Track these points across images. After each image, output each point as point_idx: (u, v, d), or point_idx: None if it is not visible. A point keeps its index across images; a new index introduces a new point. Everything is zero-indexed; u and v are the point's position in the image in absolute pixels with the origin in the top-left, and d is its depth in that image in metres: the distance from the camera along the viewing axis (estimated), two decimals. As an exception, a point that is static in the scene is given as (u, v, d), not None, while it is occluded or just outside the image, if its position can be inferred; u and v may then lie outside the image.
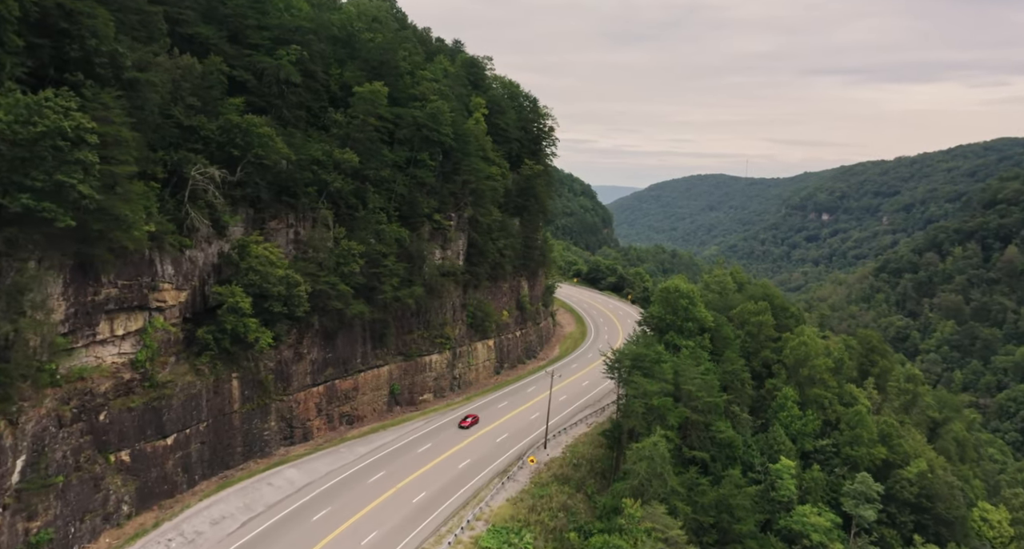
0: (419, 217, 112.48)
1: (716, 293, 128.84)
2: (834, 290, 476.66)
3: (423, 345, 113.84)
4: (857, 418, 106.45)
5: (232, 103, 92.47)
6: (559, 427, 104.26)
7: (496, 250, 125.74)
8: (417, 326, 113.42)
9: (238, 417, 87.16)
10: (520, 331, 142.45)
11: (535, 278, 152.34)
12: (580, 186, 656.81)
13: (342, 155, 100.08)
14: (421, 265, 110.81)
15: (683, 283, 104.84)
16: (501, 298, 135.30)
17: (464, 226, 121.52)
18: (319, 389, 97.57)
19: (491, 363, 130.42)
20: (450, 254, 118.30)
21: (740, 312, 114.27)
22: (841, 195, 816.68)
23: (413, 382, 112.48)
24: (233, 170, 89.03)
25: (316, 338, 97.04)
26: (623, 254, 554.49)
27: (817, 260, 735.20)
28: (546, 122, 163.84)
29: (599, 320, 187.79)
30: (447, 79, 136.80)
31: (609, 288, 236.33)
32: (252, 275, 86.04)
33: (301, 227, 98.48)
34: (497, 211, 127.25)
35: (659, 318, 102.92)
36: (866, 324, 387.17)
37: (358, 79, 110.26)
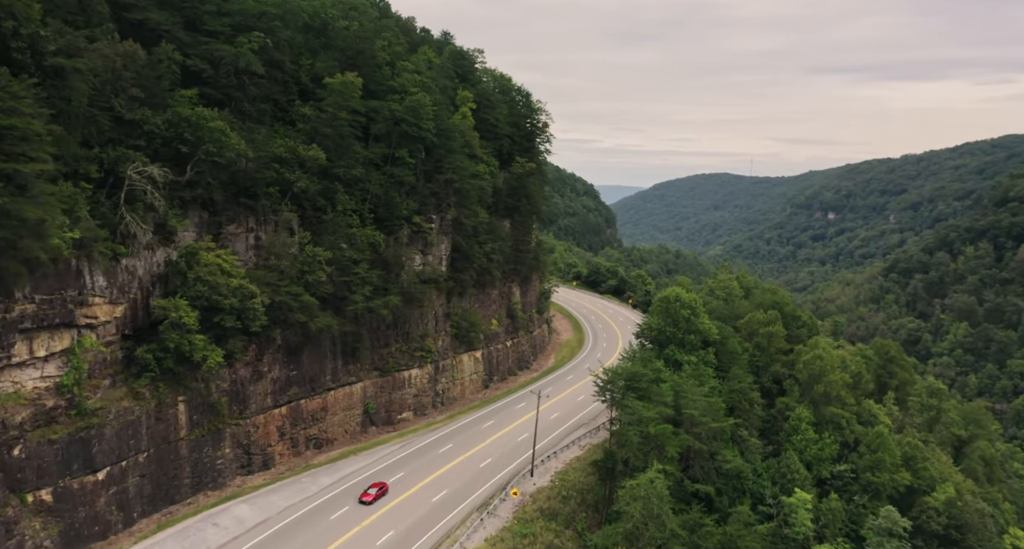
0: (396, 220, 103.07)
1: (721, 300, 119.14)
2: (842, 291, 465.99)
3: (401, 359, 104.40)
4: (879, 440, 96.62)
5: (184, 95, 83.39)
6: (549, 450, 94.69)
7: (483, 254, 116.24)
8: (394, 338, 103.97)
9: (185, 445, 77.82)
10: (511, 341, 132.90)
11: (528, 283, 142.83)
12: (583, 186, 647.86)
13: (307, 152, 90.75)
14: (398, 272, 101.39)
15: (684, 292, 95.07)
16: (490, 306, 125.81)
17: (447, 229, 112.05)
18: (282, 411, 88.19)
19: (478, 377, 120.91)
20: (431, 259, 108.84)
21: (748, 322, 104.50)
22: (847, 194, 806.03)
23: (390, 400, 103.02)
24: (183, 169, 79.94)
25: (278, 354, 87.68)
26: (626, 255, 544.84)
27: (824, 259, 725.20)
28: (539, 118, 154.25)
29: (598, 327, 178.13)
30: (431, 71, 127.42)
31: (610, 291, 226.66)
32: (200, 286, 76.69)
33: (262, 231, 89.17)
34: (484, 212, 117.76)
35: (658, 330, 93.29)
36: (876, 326, 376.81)
37: (331, 70, 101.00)
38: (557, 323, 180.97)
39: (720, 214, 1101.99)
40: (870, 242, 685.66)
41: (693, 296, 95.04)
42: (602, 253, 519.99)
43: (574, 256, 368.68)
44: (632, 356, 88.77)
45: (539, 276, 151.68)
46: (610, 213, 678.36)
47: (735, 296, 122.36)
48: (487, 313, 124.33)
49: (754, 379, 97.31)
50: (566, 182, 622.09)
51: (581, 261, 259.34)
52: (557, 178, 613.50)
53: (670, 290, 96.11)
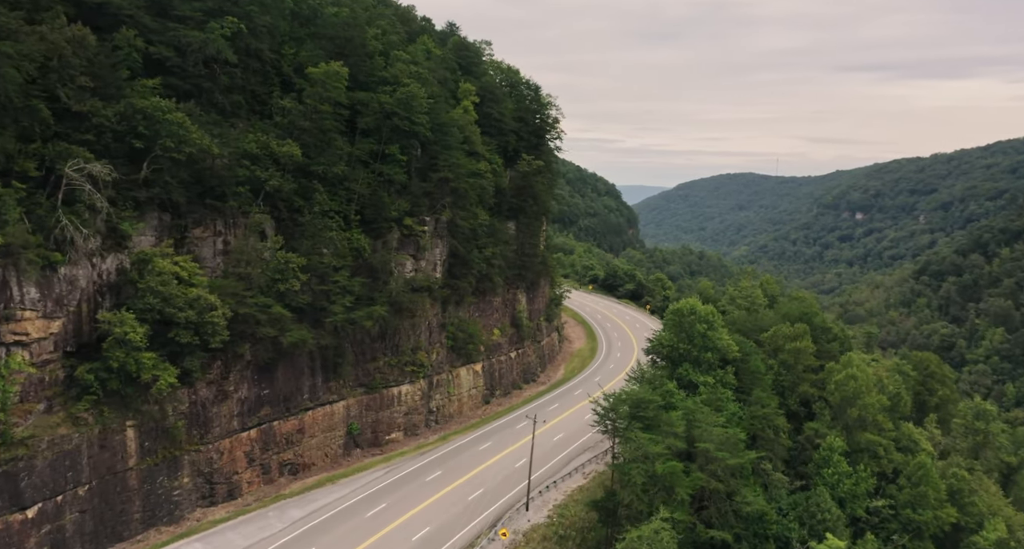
0: (385, 222, 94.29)
1: (743, 310, 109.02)
2: (871, 294, 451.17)
3: (390, 374, 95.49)
4: (920, 472, 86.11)
5: (144, 85, 75.15)
6: (548, 479, 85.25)
7: (483, 259, 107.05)
8: (382, 352, 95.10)
9: (135, 475, 69.39)
10: (516, 351, 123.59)
11: (536, 290, 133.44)
12: (604, 186, 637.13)
13: (280, 147, 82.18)
14: (386, 279, 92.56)
15: (700, 304, 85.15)
16: (491, 315, 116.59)
17: (443, 232, 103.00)
18: (251, 434, 79.58)
19: (478, 392, 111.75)
20: (424, 265, 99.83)
21: (772, 337, 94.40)
22: (875, 193, 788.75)
23: (377, 419, 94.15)
24: (138, 166, 71.82)
25: (247, 372, 79.07)
26: (648, 256, 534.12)
27: (851, 261, 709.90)
28: (549, 113, 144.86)
29: (612, 335, 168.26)
30: (430, 61, 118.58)
31: (627, 296, 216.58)
32: (150, 297, 68.25)
33: (231, 235, 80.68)
34: (484, 213, 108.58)
35: (670, 347, 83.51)
36: (907, 331, 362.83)
37: (317, 60, 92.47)
38: (569, 330, 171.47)
39: (745, 214, 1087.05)
40: (899, 243, 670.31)
41: (710, 308, 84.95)
42: (623, 254, 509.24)
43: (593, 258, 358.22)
44: (640, 377, 79.02)
45: (548, 281, 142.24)
46: (632, 213, 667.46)
47: (758, 305, 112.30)
48: (488, 323, 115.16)
49: (779, 401, 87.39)
50: (587, 182, 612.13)
51: (599, 264, 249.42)
52: (578, 178, 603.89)
53: (684, 302, 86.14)
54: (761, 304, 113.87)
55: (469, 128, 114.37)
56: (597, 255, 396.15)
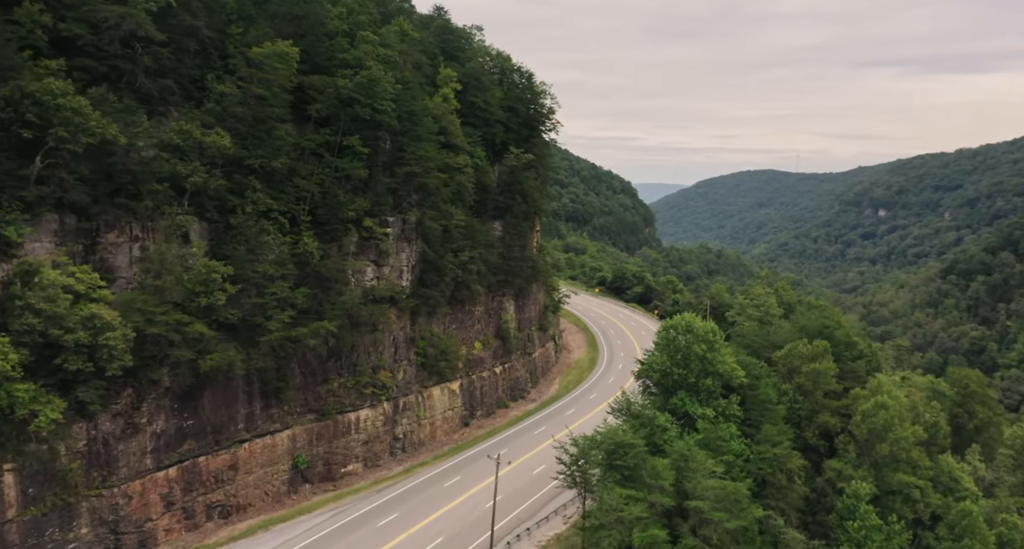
0: (341, 223, 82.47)
1: (755, 321, 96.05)
2: (896, 294, 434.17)
3: (346, 398, 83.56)
4: (965, 522, 73.00)
5: (46, 66, 63.86)
6: (521, 524, 72.74)
7: (458, 264, 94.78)
8: (337, 372, 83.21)
9: (17, 528, 57.89)
10: (502, 366, 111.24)
11: (526, 296, 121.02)
12: (619, 183, 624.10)
13: (206, 137, 70.45)
14: (341, 290, 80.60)
15: (698, 320, 72.23)
16: (472, 326, 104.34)
17: (411, 234, 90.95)
18: (169, 473, 67.90)
19: (455, 413, 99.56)
20: (388, 272, 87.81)
21: (787, 356, 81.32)
22: (899, 190, 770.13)
23: (331, 450, 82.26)
24: (29, 159, 60.57)
25: (164, 401, 67.40)
26: (664, 255, 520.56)
27: (874, 259, 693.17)
28: (543, 102, 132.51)
29: (616, 343, 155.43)
30: (404, 44, 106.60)
31: (635, 299, 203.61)
32: (29, 316, 56.78)
33: (149, 240, 69.06)
34: (460, 212, 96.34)
35: (662, 371, 70.72)
36: (934, 334, 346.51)
37: (268, 40, 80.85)
38: (569, 338, 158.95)
39: (765, 212, 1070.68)
40: (924, 240, 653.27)
41: (710, 325, 71.94)
42: (639, 253, 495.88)
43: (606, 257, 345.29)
44: (623, 408, 66.10)
45: (541, 287, 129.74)
46: (648, 212, 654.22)
47: (772, 315, 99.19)
48: (468, 335, 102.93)
49: (795, 433, 74.64)
50: (602, 179, 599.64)
51: (607, 265, 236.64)
52: (592, 175, 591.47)
53: (679, 318, 73.21)
54: (775, 314, 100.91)
55: (447, 118, 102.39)
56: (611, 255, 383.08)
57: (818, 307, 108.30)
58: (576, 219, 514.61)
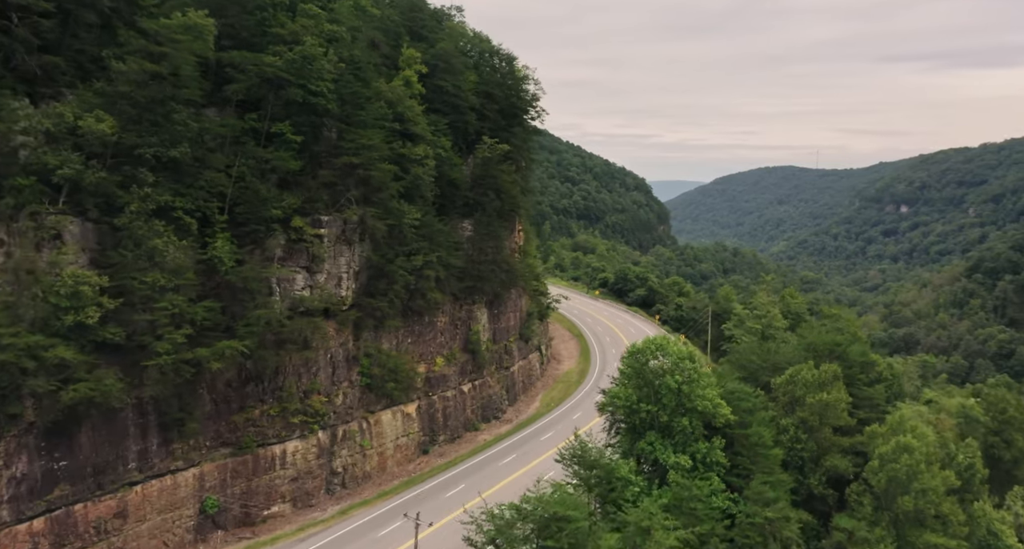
0: (263, 224, 70.28)
1: (755, 336, 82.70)
2: (919, 293, 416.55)
3: (270, 428, 71.36)
4: (1010, 595, 59.94)
5: None
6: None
7: (411, 270, 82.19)
8: (257, 399, 71.03)
9: None
10: (471, 384, 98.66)
11: (502, 304, 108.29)
12: (633, 180, 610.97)
13: (84, 121, 58.57)
14: (262, 301, 68.39)
15: (674, 343, 58.77)
16: (432, 340, 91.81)
17: (352, 235, 78.59)
18: (33, 526, 55.97)
19: (411, 440, 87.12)
20: (324, 280, 75.48)
21: (789, 383, 67.73)
22: (921, 185, 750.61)
23: (250, 489, 70.07)
24: None
25: (27, 438, 55.47)
26: (678, 253, 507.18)
27: (896, 256, 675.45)
28: (526, 88, 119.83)
29: (610, 353, 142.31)
30: (361, 20, 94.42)
31: (637, 303, 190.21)
32: None
33: (15, 245, 57.30)
34: (416, 210, 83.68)
35: (627, 407, 57.51)
36: (959, 336, 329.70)
37: (188, 10, 69.09)
38: (561, 346, 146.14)
39: (784, 209, 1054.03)
40: (947, 237, 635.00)
41: (690, 350, 58.48)
42: (652, 252, 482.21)
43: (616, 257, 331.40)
44: (574, 455, 52.66)
45: (523, 293, 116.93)
46: (663, 209, 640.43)
47: (776, 329, 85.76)
48: (427, 350, 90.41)
49: (796, 481, 61.56)
50: (615, 176, 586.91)
51: (610, 266, 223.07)
52: (606, 172, 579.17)
53: (647, 341, 59.74)
54: (779, 327, 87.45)
55: (404, 103, 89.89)
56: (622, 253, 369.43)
57: (831, 316, 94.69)
58: (588, 217, 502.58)
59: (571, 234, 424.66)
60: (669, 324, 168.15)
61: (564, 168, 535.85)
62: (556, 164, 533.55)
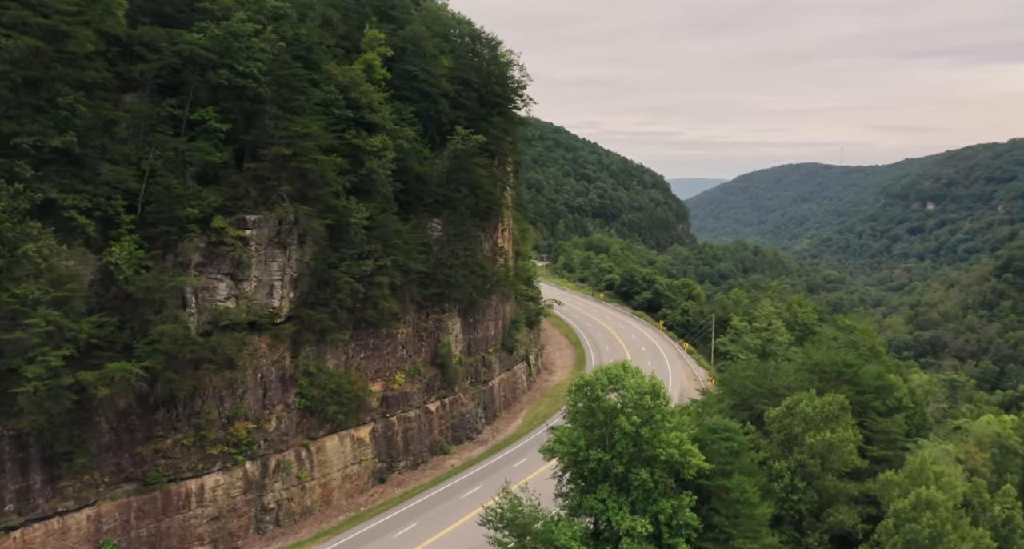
0: (176, 224, 60.75)
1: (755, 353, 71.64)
2: (946, 294, 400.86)
3: (184, 460, 61.78)
4: None
5: None
6: None
7: (356, 276, 72.24)
8: (170, 426, 61.47)
9: None
10: (440, 402, 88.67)
11: (479, 312, 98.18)
12: (651, 178, 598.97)
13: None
14: (169, 314, 58.84)
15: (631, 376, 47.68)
16: (391, 354, 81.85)
17: (288, 238, 68.88)
18: None
19: (363, 468, 77.27)
20: (252, 289, 65.84)
21: (785, 416, 56.58)
22: (948, 182, 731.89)
23: (160, 531, 60.51)
24: None
25: None
26: (696, 252, 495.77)
27: (922, 255, 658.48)
28: (510, 74, 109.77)
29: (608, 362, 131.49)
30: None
31: (643, 306, 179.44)
32: None
33: None
34: (362, 208, 73.73)
35: (572, 453, 46.62)
36: (989, 339, 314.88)
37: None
38: (556, 355, 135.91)
39: (808, 206, 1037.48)
40: (976, 235, 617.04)
41: (649, 384, 47.83)
42: (669, 250, 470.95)
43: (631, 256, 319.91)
44: (501, 516, 42.38)
45: (505, 298, 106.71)
46: (681, 207, 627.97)
47: (777, 344, 74.71)
48: (384, 365, 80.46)
49: (792, 540, 50.93)
50: (632, 174, 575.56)
51: (618, 267, 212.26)
52: (623, 170, 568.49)
53: (596, 372, 48.91)
54: (783, 342, 76.27)
55: (360, 88, 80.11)
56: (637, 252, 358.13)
57: (846, 328, 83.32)
58: (604, 215, 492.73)
59: (586, 233, 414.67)
60: (675, 330, 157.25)
61: (580, 166, 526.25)
62: (572, 162, 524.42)
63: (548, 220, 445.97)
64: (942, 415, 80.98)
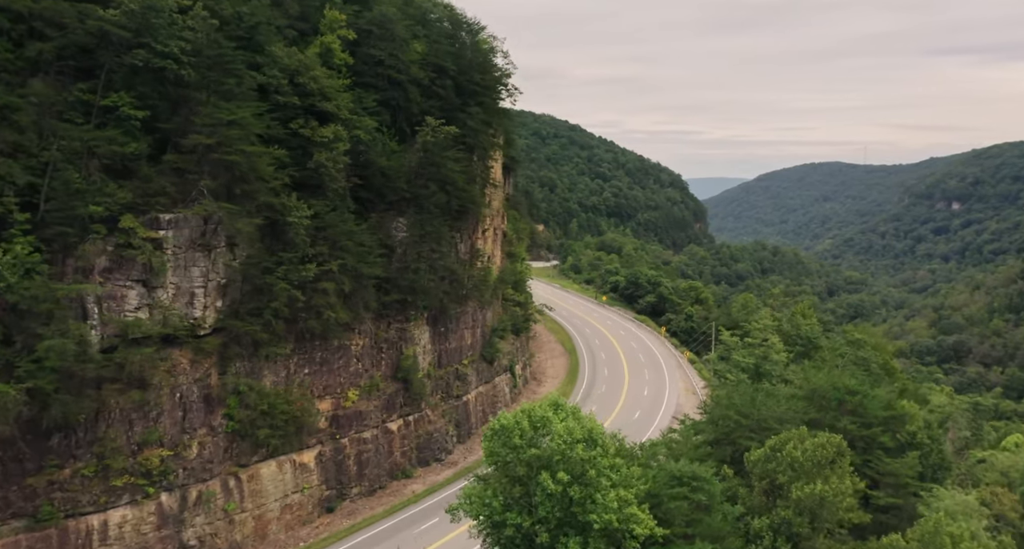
0: (78, 224, 53.15)
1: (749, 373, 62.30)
2: (971, 296, 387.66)
3: (84, 493, 54.02)
4: None
5: None
6: None
7: (296, 282, 64.16)
8: (69, 454, 53.85)
9: None
10: (403, 420, 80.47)
11: (452, 320, 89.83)
12: (668, 176, 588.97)
13: None
14: (62, 329, 51.12)
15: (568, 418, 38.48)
16: (344, 368, 73.75)
17: (213, 239, 60.95)
18: None
19: (308, 496, 69.29)
20: (169, 297, 58.03)
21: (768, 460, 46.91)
22: (974, 181, 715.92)
23: (52, 576, 52.98)
24: None
25: None
26: (713, 253, 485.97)
27: (947, 255, 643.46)
28: (493, 62, 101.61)
29: (601, 372, 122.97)
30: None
31: (647, 311, 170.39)
32: None
33: None
34: (303, 206, 65.61)
35: (488, 518, 38.08)
36: (1017, 344, 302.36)
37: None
38: (548, 363, 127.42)
39: (830, 206, 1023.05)
40: (1002, 235, 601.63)
41: (590, 426, 38.56)
42: (685, 251, 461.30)
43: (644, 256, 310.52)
44: None
45: (483, 304, 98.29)
46: (699, 206, 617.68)
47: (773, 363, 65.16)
48: (334, 381, 72.36)
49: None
50: (649, 172, 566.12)
51: (624, 268, 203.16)
52: (639, 168, 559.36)
53: (518, 413, 39.75)
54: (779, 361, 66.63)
55: (311, 72, 72.13)
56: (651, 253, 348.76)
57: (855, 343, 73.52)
58: (619, 214, 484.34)
59: (600, 232, 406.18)
60: (678, 337, 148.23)
61: (595, 164, 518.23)
62: (587, 160, 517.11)
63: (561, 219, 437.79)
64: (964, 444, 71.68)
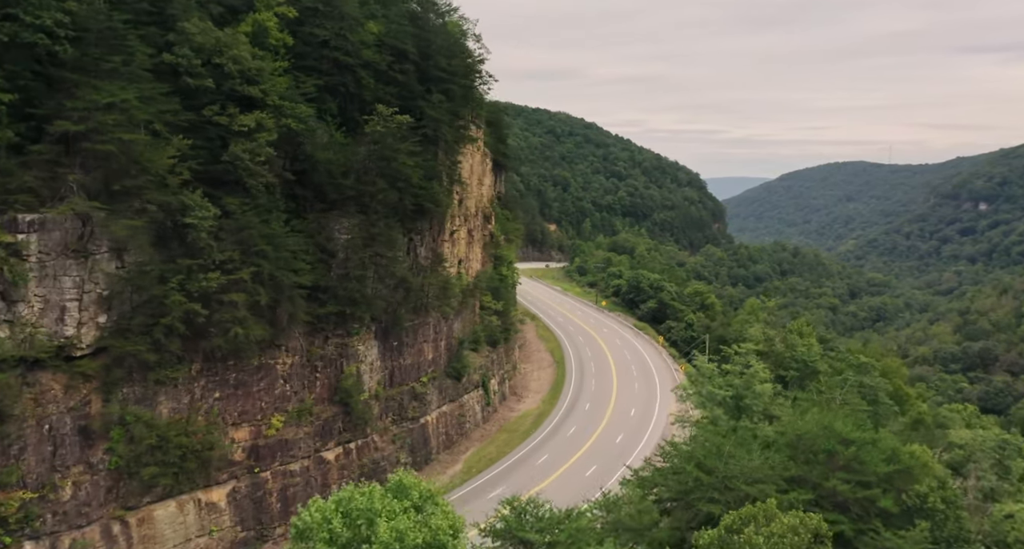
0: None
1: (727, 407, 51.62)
2: (997, 300, 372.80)
3: (-87, 551, 45.19)
4: None
5: None
6: None
7: (195, 294, 54.80)
8: None
9: None
10: (342, 448, 70.83)
11: (407, 334, 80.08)
12: (686, 175, 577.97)
13: None
14: None
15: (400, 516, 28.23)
16: (267, 391, 64.33)
17: (94, 244, 51.70)
18: None
19: (219, 540, 59.91)
20: (34, 314, 48.87)
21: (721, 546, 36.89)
22: (1002, 181, 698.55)
23: None
24: None
25: None
26: (730, 254, 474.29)
27: (974, 257, 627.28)
28: (462, 43, 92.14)
29: (589, 385, 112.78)
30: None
31: (647, 317, 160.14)
32: None
33: None
34: (209, 205, 56.20)
35: None
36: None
37: None
38: (532, 376, 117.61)
39: (854, 206, 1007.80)
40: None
41: (439, 525, 29.32)
42: (702, 251, 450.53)
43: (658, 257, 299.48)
44: None
45: (448, 316, 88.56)
46: (718, 206, 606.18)
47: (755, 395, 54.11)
48: (253, 407, 62.97)
49: None
50: (666, 171, 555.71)
51: (628, 271, 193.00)
52: (656, 167, 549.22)
53: (333, 501, 27.57)
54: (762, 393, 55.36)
55: (233, 50, 62.87)
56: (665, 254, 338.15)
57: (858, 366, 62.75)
58: (634, 213, 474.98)
59: (614, 232, 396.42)
60: (678, 347, 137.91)
61: (611, 163, 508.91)
62: (602, 159, 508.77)
63: (574, 219, 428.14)
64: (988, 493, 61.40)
